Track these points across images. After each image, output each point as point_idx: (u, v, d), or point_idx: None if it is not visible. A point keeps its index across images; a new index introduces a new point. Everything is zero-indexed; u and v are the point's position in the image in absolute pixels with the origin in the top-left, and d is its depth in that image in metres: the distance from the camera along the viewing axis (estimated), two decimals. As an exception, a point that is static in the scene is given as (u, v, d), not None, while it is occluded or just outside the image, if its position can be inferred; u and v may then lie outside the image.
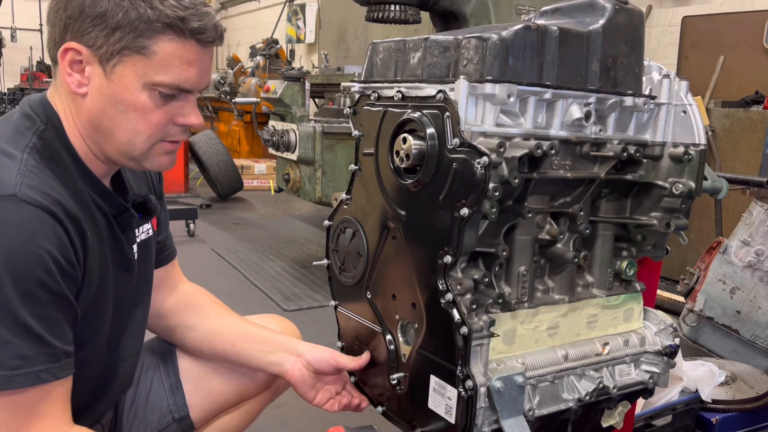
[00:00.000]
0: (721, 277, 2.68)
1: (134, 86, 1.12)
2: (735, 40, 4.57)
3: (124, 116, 1.14)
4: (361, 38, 7.53)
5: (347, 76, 5.60)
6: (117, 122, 1.15)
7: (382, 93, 1.27)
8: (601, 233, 1.33)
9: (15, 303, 1.02)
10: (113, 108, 1.14)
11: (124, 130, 1.15)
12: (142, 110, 1.14)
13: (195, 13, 1.12)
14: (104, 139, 1.17)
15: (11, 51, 11.42)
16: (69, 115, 1.18)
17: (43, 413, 1.09)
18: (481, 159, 1.07)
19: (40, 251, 1.04)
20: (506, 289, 1.23)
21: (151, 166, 1.22)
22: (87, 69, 1.12)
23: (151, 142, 1.18)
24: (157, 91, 1.13)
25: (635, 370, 1.38)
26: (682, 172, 1.30)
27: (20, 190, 1.05)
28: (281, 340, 1.50)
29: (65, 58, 1.12)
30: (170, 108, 1.17)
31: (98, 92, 1.13)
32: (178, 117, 1.18)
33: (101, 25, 1.09)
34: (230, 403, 1.62)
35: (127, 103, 1.13)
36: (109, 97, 1.13)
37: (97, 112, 1.15)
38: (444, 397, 1.17)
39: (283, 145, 4.46)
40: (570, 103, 1.19)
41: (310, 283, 4.27)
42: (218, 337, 1.52)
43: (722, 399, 2.21)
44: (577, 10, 1.24)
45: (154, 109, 1.15)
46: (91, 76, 1.13)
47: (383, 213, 1.27)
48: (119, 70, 1.11)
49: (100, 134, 1.17)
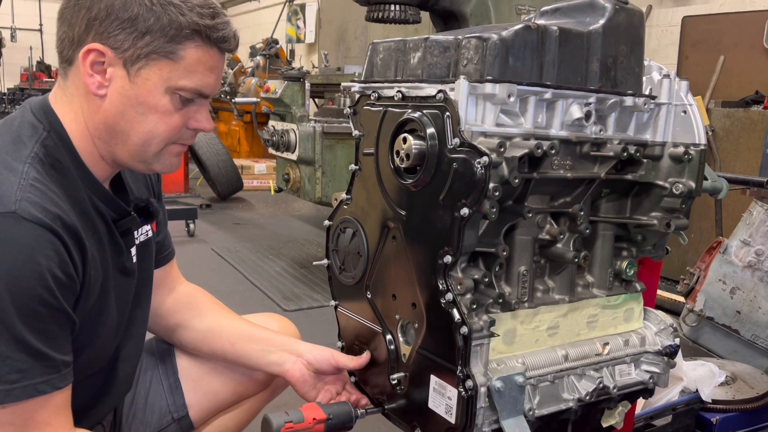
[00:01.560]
0: (721, 277, 2.67)
1: (158, 90, 1.14)
2: (735, 40, 4.57)
3: (143, 118, 1.16)
4: (361, 38, 7.53)
5: (347, 76, 5.60)
6: (135, 124, 1.16)
7: (382, 93, 1.27)
8: (601, 233, 1.33)
9: (14, 320, 1.03)
10: (133, 110, 1.15)
11: (141, 132, 1.17)
12: (162, 113, 1.16)
13: (220, 22, 1.16)
14: (117, 141, 1.18)
15: (11, 51, 11.41)
16: (79, 116, 1.18)
17: (43, 422, 1.10)
18: (481, 159, 1.07)
19: (40, 269, 1.05)
20: (506, 289, 1.23)
21: (161, 168, 1.24)
22: (109, 70, 1.13)
23: (165, 144, 1.20)
24: (178, 96, 1.16)
25: (635, 370, 1.38)
26: (682, 172, 1.30)
27: (20, 207, 1.05)
28: (281, 339, 1.50)
29: (87, 58, 1.12)
30: (187, 112, 1.19)
31: (119, 94, 1.14)
32: (192, 121, 1.21)
33: (130, 29, 1.11)
34: (229, 403, 1.62)
35: (148, 106, 1.15)
36: (131, 99, 1.14)
37: (115, 113, 1.15)
38: (444, 397, 1.17)
39: (283, 145, 4.46)
40: (570, 103, 1.19)
41: (310, 283, 4.27)
42: (218, 337, 1.52)
43: (722, 399, 2.21)
44: (577, 10, 1.24)
45: (173, 113, 1.17)
46: (112, 77, 1.14)
47: (383, 213, 1.27)
48: (144, 74, 1.13)
49: (114, 136, 1.18)
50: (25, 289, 1.04)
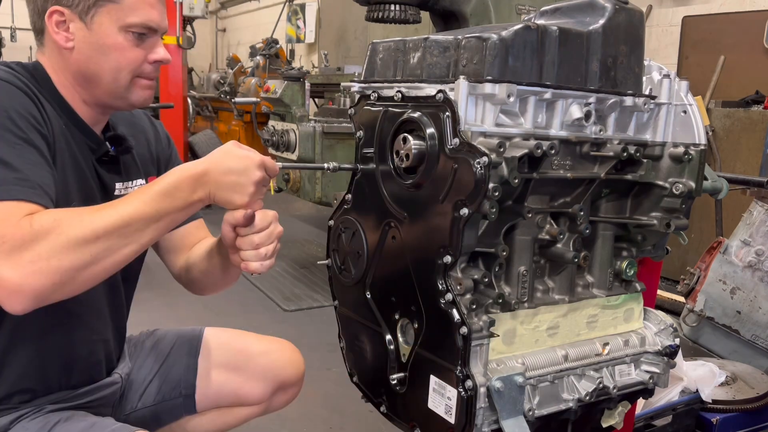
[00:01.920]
0: (721, 277, 2.68)
1: (112, 30, 1.33)
2: (735, 40, 4.57)
3: (107, 58, 1.34)
4: (361, 38, 7.52)
5: (347, 76, 5.59)
6: (102, 64, 1.34)
7: (382, 93, 1.27)
8: (601, 233, 1.33)
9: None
10: (97, 53, 1.34)
11: (108, 70, 1.34)
12: (122, 50, 1.34)
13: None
14: (93, 83, 1.36)
15: (11, 51, 11.40)
16: (59, 71, 1.36)
17: None
18: (480, 159, 1.07)
19: (11, 101, 1.21)
20: (506, 289, 1.22)
21: (136, 99, 1.40)
22: (71, 26, 1.32)
23: (132, 76, 1.37)
24: (131, 33, 1.34)
25: (635, 371, 1.38)
26: (682, 172, 1.30)
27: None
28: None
29: (52, 20, 1.32)
30: (144, 47, 1.37)
31: (83, 42, 1.33)
32: (151, 54, 1.38)
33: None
34: (227, 401, 1.70)
35: (108, 46, 1.33)
36: (93, 44, 1.33)
37: (84, 59, 1.34)
38: (444, 397, 1.17)
39: (283, 145, 4.45)
40: (570, 103, 1.19)
41: (310, 283, 4.27)
42: (199, 254, 1.57)
43: (722, 399, 2.21)
44: (577, 10, 1.24)
45: (131, 48, 1.35)
46: (75, 31, 1.33)
47: (383, 213, 1.27)
48: (97, 20, 1.32)
49: (89, 79, 1.35)
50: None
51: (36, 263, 1.07)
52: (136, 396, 1.65)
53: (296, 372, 1.73)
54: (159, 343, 1.71)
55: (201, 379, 1.68)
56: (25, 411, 1.34)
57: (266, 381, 1.68)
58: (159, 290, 3.69)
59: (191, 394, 1.67)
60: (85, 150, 1.38)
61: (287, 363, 1.72)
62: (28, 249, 1.07)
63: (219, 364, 1.70)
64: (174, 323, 2.13)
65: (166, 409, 1.67)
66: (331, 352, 3.04)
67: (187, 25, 6.53)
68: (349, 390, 1.55)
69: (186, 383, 1.67)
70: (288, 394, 1.74)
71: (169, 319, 3.59)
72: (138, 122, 1.59)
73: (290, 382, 1.72)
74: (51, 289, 1.10)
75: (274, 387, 1.69)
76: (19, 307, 1.09)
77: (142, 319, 1.87)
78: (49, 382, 1.38)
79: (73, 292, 1.15)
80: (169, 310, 3.73)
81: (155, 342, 1.72)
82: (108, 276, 1.19)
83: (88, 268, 1.13)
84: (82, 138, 1.38)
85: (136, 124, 1.58)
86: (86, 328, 1.43)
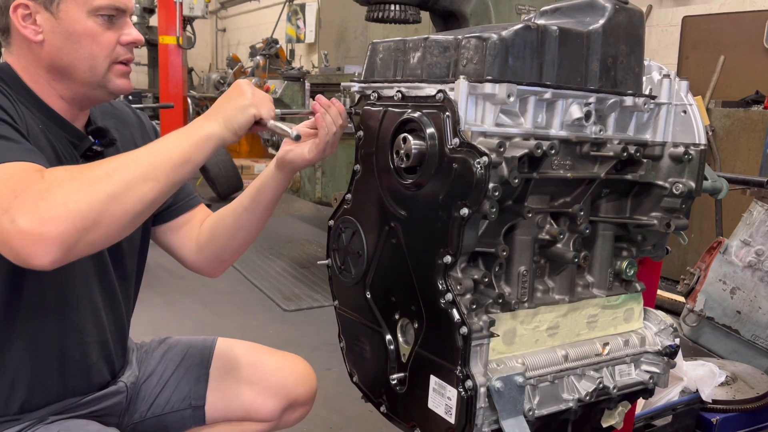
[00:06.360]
0: (721, 277, 2.68)
1: (80, 16, 1.29)
2: (735, 40, 4.57)
3: (79, 46, 1.30)
4: (361, 38, 7.52)
5: (347, 76, 5.59)
6: (75, 54, 1.30)
7: (382, 93, 1.27)
8: (601, 233, 1.33)
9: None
10: (69, 42, 1.30)
11: (83, 59, 1.31)
12: (93, 35, 1.31)
13: None
14: (69, 76, 1.32)
15: (11, 51, 11.44)
16: (29, 67, 1.32)
17: None
18: (481, 159, 1.07)
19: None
20: (506, 289, 1.22)
21: (114, 87, 1.36)
22: (37, 18, 1.28)
23: (108, 63, 1.33)
24: (100, 16, 1.30)
25: (635, 371, 1.38)
26: (682, 172, 1.30)
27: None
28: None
29: (17, 14, 1.28)
30: (115, 29, 1.33)
31: (53, 33, 1.29)
32: (123, 36, 1.35)
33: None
34: (237, 416, 1.67)
35: (78, 34, 1.29)
36: (63, 34, 1.29)
37: (56, 51, 1.30)
38: (444, 397, 1.17)
39: (283, 145, 4.45)
40: (570, 102, 1.19)
41: (310, 283, 4.27)
42: (222, 218, 1.56)
43: (722, 399, 2.21)
44: (577, 10, 1.24)
45: (103, 32, 1.31)
46: (42, 22, 1.28)
47: (383, 213, 1.27)
48: (63, 8, 1.28)
49: (64, 72, 1.31)
50: None
51: (52, 209, 1.03)
52: (145, 405, 1.63)
53: (308, 390, 1.69)
54: (169, 352, 1.69)
55: (211, 391, 1.66)
56: (27, 423, 1.33)
57: (277, 398, 1.65)
58: (159, 290, 3.69)
59: (201, 405, 1.65)
60: (67, 147, 1.35)
61: (299, 380, 1.69)
62: (43, 198, 1.03)
63: (231, 376, 1.67)
64: (174, 323, 2.12)
65: (174, 420, 1.64)
66: (331, 352, 3.04)
67: (187, 25, 6.53)
68: (349, 390, 1.55)
69: (196, 394, 1.65)
70: (298, 413, 1.71)
71: (169, 319, 3.59)
72: (121, 115, 1.56)
73: (301, 400, 1.69)
74: (75, 235, 1.04)
75: (285, 404, 1.66)
76: (48, 258, 1.04)
77: (142, 319, 1.87)
78: (45, 388, 1.37)
79: (102, 239, 1.10)
80: (169, 310, 3.73)
81: (166, 350, 1.69)
82: (136, 222, 1.14)
83: (108, 208, 1.07)
84: (62, 135, 1.35)
85: (120, 116, 1.55)
86: (76, 331, 1.40)
